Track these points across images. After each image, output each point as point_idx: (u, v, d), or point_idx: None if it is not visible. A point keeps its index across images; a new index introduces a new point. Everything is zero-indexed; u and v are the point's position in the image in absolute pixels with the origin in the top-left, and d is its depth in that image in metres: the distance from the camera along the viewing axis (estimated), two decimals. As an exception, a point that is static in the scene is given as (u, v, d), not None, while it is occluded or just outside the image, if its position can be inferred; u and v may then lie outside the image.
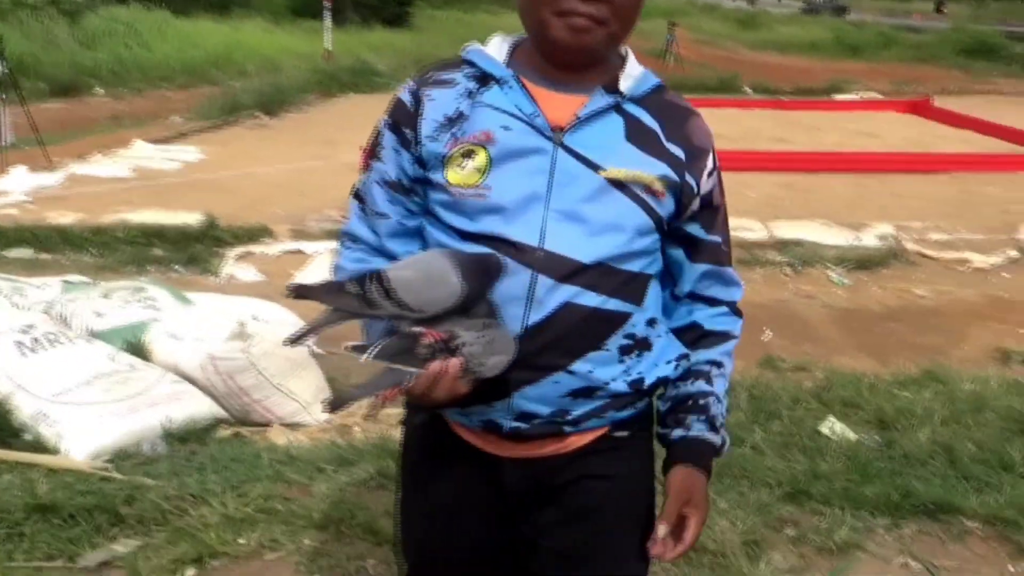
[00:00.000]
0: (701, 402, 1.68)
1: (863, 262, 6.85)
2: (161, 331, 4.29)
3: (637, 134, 1.57)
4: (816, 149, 10.92)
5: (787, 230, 7.38)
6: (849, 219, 7.78)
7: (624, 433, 1.67)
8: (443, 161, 1.57)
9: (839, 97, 17.03)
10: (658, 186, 1.56)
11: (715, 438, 1.68)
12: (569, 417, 1.60)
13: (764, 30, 30.52)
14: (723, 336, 1.73)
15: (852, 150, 10.95)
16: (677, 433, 1.69)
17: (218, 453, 3.62)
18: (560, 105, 1.56)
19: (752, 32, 30.72)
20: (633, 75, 1.60)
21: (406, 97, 1.63)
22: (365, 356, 1.43)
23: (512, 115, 1.56)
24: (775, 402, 4.21)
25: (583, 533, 1.69)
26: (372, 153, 1.68)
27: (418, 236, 1.69)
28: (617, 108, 1.58)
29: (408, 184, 1.64)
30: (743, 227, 7.37)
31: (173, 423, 3.76)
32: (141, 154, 10.14)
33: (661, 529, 1.61)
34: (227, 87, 15.32)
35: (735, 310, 1.76)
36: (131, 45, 18.32)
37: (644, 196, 1.56)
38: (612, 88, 1.59)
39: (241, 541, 3.11)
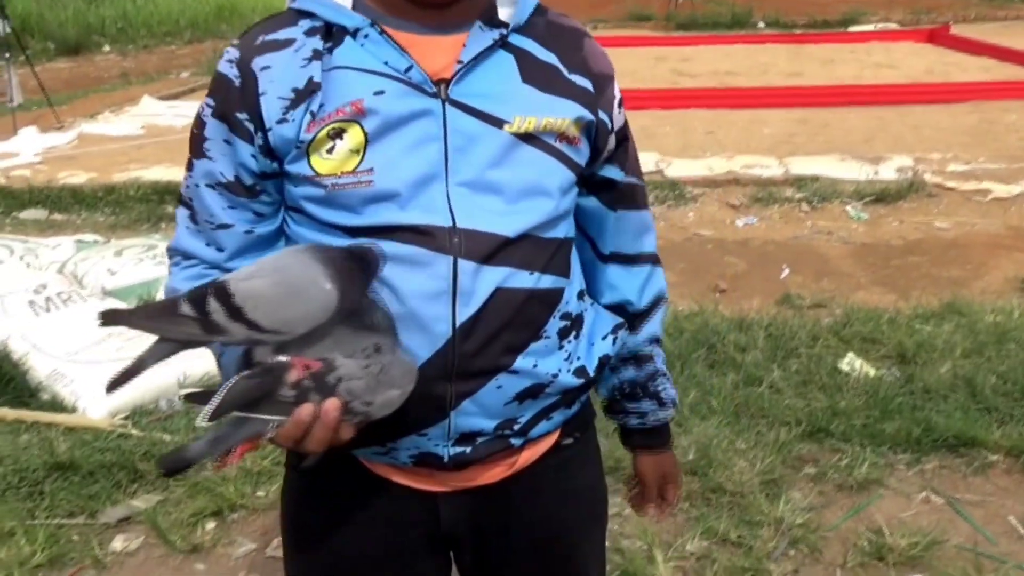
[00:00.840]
0: (651, 387, 1.56)
1: (881, 196, 6.72)
2: (173, 287, 4.27)
3: (534, 71, 1.31)
4: (831, 83, 10.71)
5: (803, 166, 7.25)
6: (866, 153, 7.63)
7: (571, 440, 1.48)
8: (304, 148, 1.25)
9: (854, 29, 16.64)
10: (573, 131, 1.32)
11: (668, 413, 1.58)
12: (517, 427, 1.36)
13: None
14: (656, 305, 1.54)
15: (868, 82, 10.73)
16: (634, 422, 1.58)
17: (234, 407, 3.62)
18: (434, 51, 1.26)
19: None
20: None
21: (231, 72, 1.27)
22: (206, 409, 1.11)
23: (381, 74, 1.24)
24: (793, 340, 4.16)
25: (549, 560, 1.51)
26: (195, 149, 1.32)
27: (274, 242, 1.38)
28: (504, 44, 1.30)
29: (252, 183, 1.30)
30: (758, 164, 7.27)
31: (188, 379, 3.75)
32: (150, 111, 10.09)
33: (651, 510, 1.62)
34: (234, 40, 15.17)
35: (656, 260, 1.55)
36: (136, 0, 18.17)
37: (559, 146, 1.31)
38: (491, 19, 1.30)
39: (259, 494, 3.12)
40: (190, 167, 1.34)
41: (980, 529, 2.90)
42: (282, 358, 1.16)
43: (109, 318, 1.19)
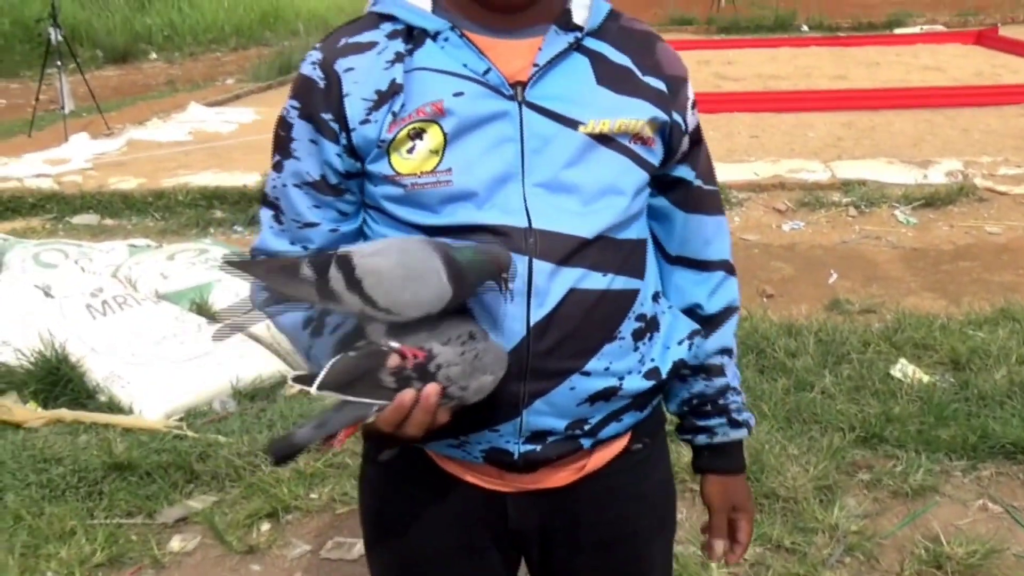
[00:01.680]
0: (721, 402, 1.52)
1: (930, 200, 6.63)
2: (225, 291, 4.34)
3: (608, 74, 1.32)
4: (877, 85, 10.58)
5: (850, 170, 7.18)
6: (914, 156, 7.54)
7: (640, 445, 1.47)
8: (385, 147, 1.27)
9: (900, 31, 16.44)
10: (648, 132, 1.33)
11: (740, 433, 1.53)
12: (587, 427, 1.36)
13: (820, -35, 29.60)
14: (726, 314, 1.51)
15: (915, 85, 10.59)
16: (701, 439, 1.54)
17: (286, 410, 3.66)
18: (511, 55, 1.29)
19: (807, -32, 29.77)
20: (583, 2, 1.33)
21: (315, 73, 1.30)
22: (314, 388, 1.16)
23: (460, 76, 1.27)
24: (844, 345, 4.12)
25: (616, 562, 1.50)
26: (282, 149, 1.35)
27: (356, 240, 1.40)
28: (579, 47, 1.31)
29: (337, 182, 1.33)
30: (805, 168, 7.21)
31: (241, 381, 3.81)
32: (197, 117, 10.22)
33: (719, 546, 1.55)
34: (279, 47, 15.36)
35: (729, 269, 1.53)
36: (182, 8, 18.42)
37: (633, 147, 1.32)
38: (567, 23, 1.30)
39: (313, 496, 3.16)
40: (278, 167, 1.36)
41: (1040, 537, 2.85)
42: (390, 343, 1.20)
43: (231, 265, 1.24)
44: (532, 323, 1.27)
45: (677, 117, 1.37)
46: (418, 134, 1.26)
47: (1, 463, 3.30)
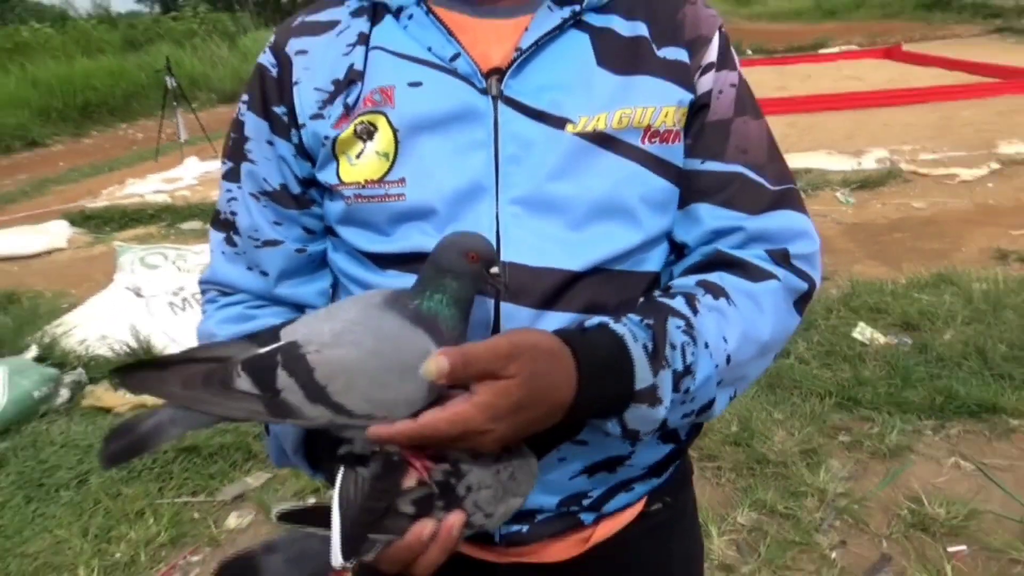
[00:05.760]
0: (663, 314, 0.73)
1: (865, 183, 5.96)
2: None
3: (614, 51, 0.74)
4: (812, 93, 9.79)
5: (796, 161, 6.47)
6: (848, 148, 6.83)
7: (660, 505, 0.87)
8: (330, 148, 0.75)
9: (824, 51, 15.50)
10: (668, 122, 0.74)
11: (640, 356, 0.68)
12: (587, 502, 0.80)
13: (757, 5, 28.28)
14: (752, 272, 0.76)
15: (842, 91, 9.78)
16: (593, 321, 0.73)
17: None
18: (492, 37, 0.75)
19: (747, 7, 28.49)
20: None
21: (266, 59, 0.79)
22: (334, 554, 0.62)
23: (421, 61, 0.74)
24: (811, 313, 3.50)
25: None
26: (234, 154, 0.82)
27: (325, 268, 0.83)
28: (577, 22, 0.75)
29: (300, 191, 0.80)
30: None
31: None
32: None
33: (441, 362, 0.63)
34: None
35: (781, 259, 0.77)
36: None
37: (646, 147, 0.73)
38: None
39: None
40: (231, 176, 0.83)
41: (1014, 496, 2.25)
42: (395, 449, 0.64)
43: (131, 384, 0.65)
44: None
45: (698, 88, 0.76)
46: (368, 133, 0.73)
47: (90, 446, 2.78)
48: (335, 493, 0.64)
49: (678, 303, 0.72)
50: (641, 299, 0.76)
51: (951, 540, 2.09)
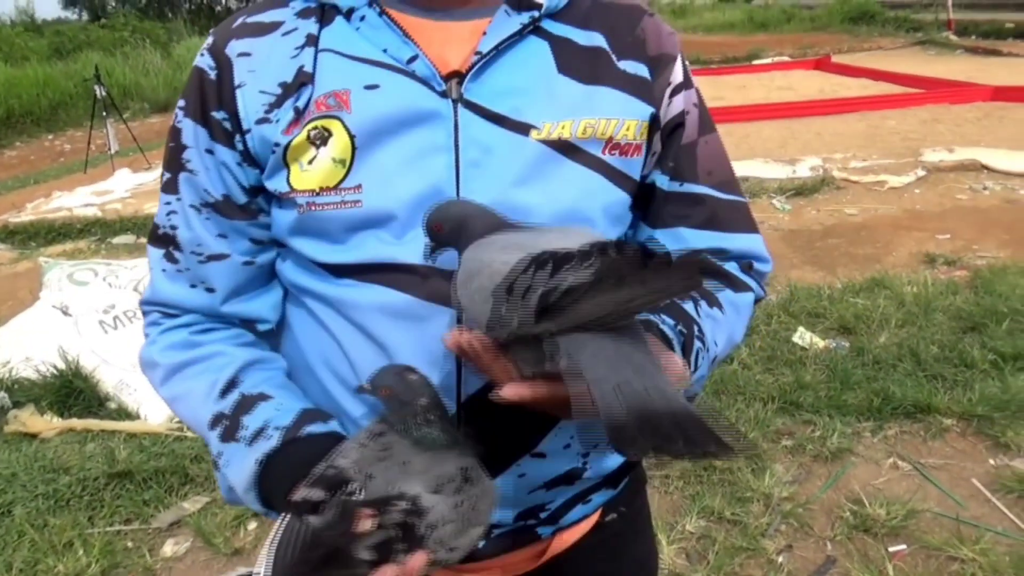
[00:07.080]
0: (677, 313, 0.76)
1: (800, 190, 6.13)
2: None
3: (574, 60, 0.74)
4: (746, 103, 10.04)
5: (735, 169, 6.62)
6: (783, 156, 7.01)
7: (615, 515, 0.88)
8: (281, 155, 0.72)
9: (757, 62, 15.94)
10: (628, 136, 0.74)
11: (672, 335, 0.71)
12: (544, 515, 0.79)
13: (692, 17, 28.98)
14: (735, 282, 0.69)
15: (775, 101, 10.07)
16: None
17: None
18: (448, 40, 0.74)
19: (683, 19, 29.17)
20: None
21: (204, 62, 0.75)
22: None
23: (376, 63, 0.72)
24: (752, 318, 3.56)
25: None
26: (172, 164, 0.78)
27: (275, 279, 0.80)
28: (536, 29, 0.74)
29: (246, 201, 0.76)
30: (700, 170, 6.65)
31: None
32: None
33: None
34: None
35: (747, 268, 0.84)
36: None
37: (606, 158, 0.74)
38: (520, 1, 0.74)
39: (297, 491, 2.53)
40: (169, 188, 0.79)
41: (950, 494, 2.32)
42: (354, 495, 0.61)
43: None
44: (463, 398, 0.71)
45: (659, 107, 0.76)
46: (323, 139, 0.70)
47: (13, 475, 2.63)
48: (268, 542, 0.60)
49: (690, 308, 0.75)
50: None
51: (892, 540, 2.14)
